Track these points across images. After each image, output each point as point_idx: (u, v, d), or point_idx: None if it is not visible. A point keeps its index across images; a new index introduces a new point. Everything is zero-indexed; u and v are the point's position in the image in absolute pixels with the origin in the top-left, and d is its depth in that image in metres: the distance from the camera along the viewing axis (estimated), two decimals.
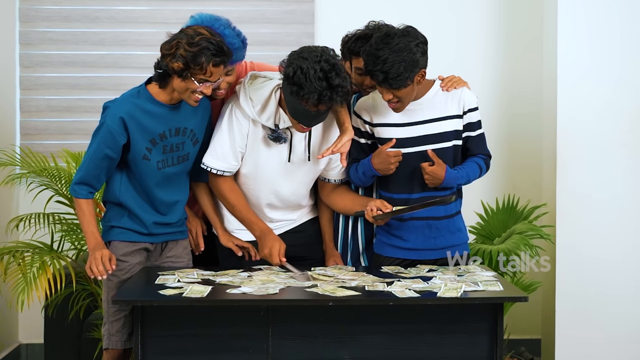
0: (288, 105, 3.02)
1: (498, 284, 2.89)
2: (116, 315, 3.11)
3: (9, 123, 4.68)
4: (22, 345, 4.78)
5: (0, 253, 3.56)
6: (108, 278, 3.09)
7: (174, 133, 3.08)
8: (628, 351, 4.11)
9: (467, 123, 3.20)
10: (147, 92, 3.04)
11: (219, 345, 2.78)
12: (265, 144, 3.16)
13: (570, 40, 4.06)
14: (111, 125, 2.97)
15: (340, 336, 2.80)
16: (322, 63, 2.91)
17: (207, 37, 2.91)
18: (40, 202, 4.14)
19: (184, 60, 2.89)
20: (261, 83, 3.14)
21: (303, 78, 2.90)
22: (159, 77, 3.00)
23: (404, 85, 3.02)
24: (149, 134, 3.03)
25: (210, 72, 2.92)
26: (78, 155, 4.03)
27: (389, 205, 3.13)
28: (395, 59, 2.97)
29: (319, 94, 2.91)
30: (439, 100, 3.18)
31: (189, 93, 2.97)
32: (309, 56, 2.93)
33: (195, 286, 2.82)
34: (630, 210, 4.06)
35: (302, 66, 2.91)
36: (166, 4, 4.81)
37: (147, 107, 3.02)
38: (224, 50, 2.94)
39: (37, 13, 4.75)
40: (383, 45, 2.99)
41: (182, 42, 2.90)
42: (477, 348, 2.82)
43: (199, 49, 2.88)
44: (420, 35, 3.06)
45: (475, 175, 3.22)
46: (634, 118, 4.04)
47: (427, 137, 3.16)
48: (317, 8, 4.81)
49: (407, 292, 2.77)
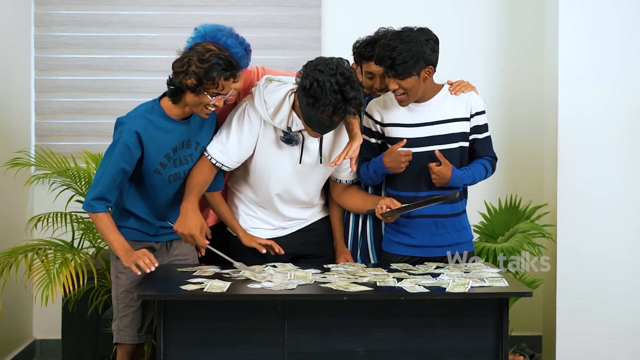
0: (303, 113, 3.12)
1: (503, 280, 3.02)
2: (125, 311, 3.21)
3: (24, 125, 4.79)
4: (36, 341, 4.88)
5: (24, 250, 3.67)
6: (117, 276, 3.21)
7: (186, 145, 3.20)
8: (628, 347, 4.20)
9: (475, 126, 3.32)
10: (160, 109, 3.14)
11: (237, 339, 2.90)
12: (277, 145, 3.26)
13: (570, 43, 4.15)
14: (128, 139, 3.06)
15: (353, 330, 2.92)
16: (338, 76, 3.02)
17: (216, 53, 3.03)
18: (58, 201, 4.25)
19: (196, 77, 3.00)
20: (275, 87, 3.24)
21: (319, 91, 3.01)
22: (172, 94, 3.11)
23: (408, 74, 3.14)
24: (163, 149, 3.14)
25: (222, 85, 3.04)
26: (98, 157, 4.13)
27: (397, 203, 3.25)
28: (404, 48, 3.12)
29: (334, 106, 3.02)
30: (448, 103, 3.30)
31: (201, 107, 3.08)
32: (325, 69, 3.03)
33: (215, 282, 2.94)
34: (629, 210, 4.15)
35: (319, 79, 3.01)
36: (177, 9, 4.91)
37: (161, 123, 3.13)
38: (233, 63, 3.06)
39: (52, 18, 4.85)
40: (395, 36, 3.16)
41: (193, 60, 3.01)
42: (484, 341, 2.95)
43: (210, 64, 3.00)
44: (433, 35, 3.22)
45: (481, 176, 3.34)
46: (632, 119, 4.13)
47: (435, 137, 3.28)
48: (324, 13, 4.91)
49: (417, 287, 2.89)
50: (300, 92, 3.09)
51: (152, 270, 3.01)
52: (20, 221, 4.52)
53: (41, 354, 4.87)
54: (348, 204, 3.45)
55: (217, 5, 4.92)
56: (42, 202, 4.60)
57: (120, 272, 3.22)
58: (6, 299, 3.95)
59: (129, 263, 3.03)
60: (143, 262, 3.00)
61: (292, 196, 3.36)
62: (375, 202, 3.34)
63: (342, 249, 3.48)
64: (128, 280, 3.20)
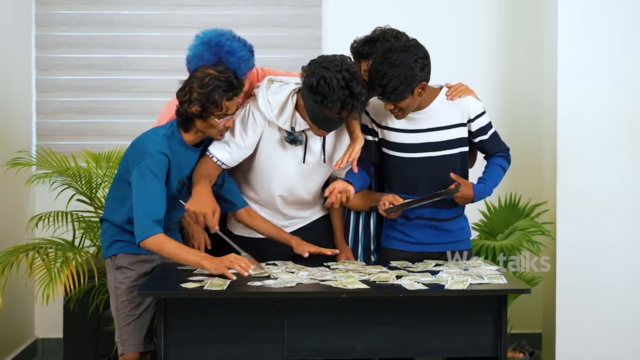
0: (309, 111, 3.14)
1: (502, 277, 3.03)
2: (126, 321, 3.20)
3: (25, 124, 4.81)
4: (38, 339, 4.90)
5: (25, 249, 3.69)
6: (116, 287, 3.20)
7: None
8: (628, 345, 4.22)
9: (478, 129, 3.32)
10: (179, 134, 3.14)
11: (238, 336, 2.91)
12: (281, 146, 3.27)
13: (569, 44, 4.17)
14: (160, 160, 3.04)
15: (353, 327, 2.93)
16: (344, 72, 3.04)
17: (216, 76, 3.03)
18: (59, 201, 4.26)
19: (200, 103, 3.02)
20: (278, 87, 3.26)
21: (327, 87, 3.03)
22: (182, 123, 3.12)
23: (402, 99, 3.15)
24: (179, 174, 3.15)
25: (226, 107, 3.05)
26: (98, 156, 4.15)
27: (400, 199, 3.26)
28: (393, 74, 3.09)
29: (342, 102, 3.04)
30: (443, 110, 3.30)
31: (214, 130, 3.10)
32: (330, 66, 3.06)
33: (215, 279, 2.95)
34: (628, 208, 4.18)
35: (325, 76, 3.03)
36: (177, 8, 4.92)
37: (178, 149, 3.13)
38: (234, 83, 3.06)
39: (53, 17, 4.87)
40: (383, 59, 3.12)
41: (194, 87, 3.03)
42: (483, 338, 2.96)
43: (211, 88, 3.01)
44: (421, 51, 3.17)
45: (500, 177, 3.36)
46: (631, 120, 4.15)
47: (431, 144, 3.29)
48: (324, 12, 4.93)
49: (416, 284, 2.91)
50: (306, 90, 3.10)
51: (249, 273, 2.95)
52: (22, 220, 4.54)
53: (43, 352, 4.90)
54: (349, 202, 3.44)
55: (217, 5, 4.94)
56: (43, 201, 4.62)
57: (119, 282, 3.20)
58: (8, 298, 3.97)
59: (222, 270, 2.93)
60: (239, 266, 2.92)
61: (294, 196, 3.38)
62: (376, 199, 3.35)
63: (343, 247, 3.50)
64: (128, 291, 3.19)
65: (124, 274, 3.19)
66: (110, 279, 3.25)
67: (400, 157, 3.32)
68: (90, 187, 4.00)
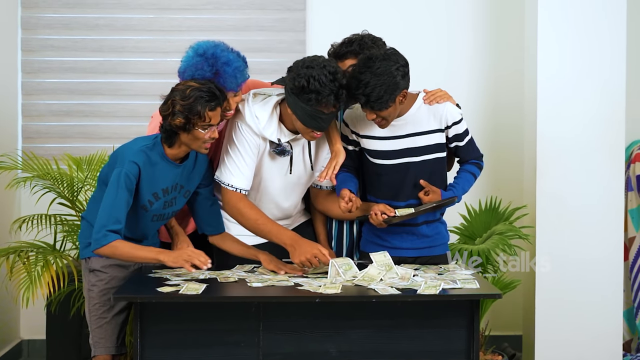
0: (300, 115, 3.16)
1: (475, 281, 3.07)
2: (98, 323, 3.22)
3: (11, 127, 4.84)
4: (23, 341, 4.93)
5: (6, 252, 3.72)
6: (90, 289, 3.22)
7: (176, 189, 3.23)
8: (606, 348, 4.25)
9: (454, 135, 3.35)
10: (161, 147, 3.16)
11: (213, 340, 2.94)
12: (269, 158, 3.30)
13: (549, 51, 4.22)
14: (129, 169, 3.07)
15: (327, 331, 2.96)
16: (328, 67, 3.11)
17: (197, 87, 3.05)
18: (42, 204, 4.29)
19: (183, 115, 3.04)
20: (262, 100, 3.28)
21: (317, 84, 3.08)
22: (166, 139, 3.13)
23: (385, 107, 3.17)
24: (153, 187, 3.16)
25: (209, 117, 3.07)
26: (79, 160, 4.18)
27: (391, 209, 3.27)
28: (376, 82, 3.11)
29: (335, 94, 3.10)
30: (421, 116, 3.32)
31: (199, 142, 3.11)
32: (313, 65, 3.12)
33: (191, 284, 2.98)
34: (605, 211, 4.21)
35: (313, 74, 3.09)
36: (163, 12, 4.95)
37: (158, 161, 3.14)
38: (216, 93, 3.08)
39: (39, 21, 4.89)
40: (365, 69, 3.14)
41: (176, 100, 3.05)
42: (456, 342, 2.99)
43: (193, 99, 3.03)
44: (401, 59, 3.19)
45: (470, 183, 3.40)
46: (609, 126, 4.20)
47: (409, 150, 3.32)
48: (308, 16, 4.96)
49: (389, 289, 2.95)
50: (296, 94, 3.13)
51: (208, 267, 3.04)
52: (6, 223, 4.57)
53: (28, 354, 4.92)
54: (332, 211, 3.47)
55: (202, 9, 4.97)
56: (28, 204, 4.64)
57: (92, 285, 3.23)
58: None
59: (181, 263, 3.03)
60: (199, 260, 3.02)
61: (280, 209, 3.41)
62: (364, 208, 3.36)
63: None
64: (101, 293, 3.21)
65: (96, 277, 3.22)
66: (85, 280, 3.28)
67: (381, 164, 3.35)
68: (72, 190, 4.03)
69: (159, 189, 3.18)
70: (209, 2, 4.96)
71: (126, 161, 3.10)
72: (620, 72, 4.21)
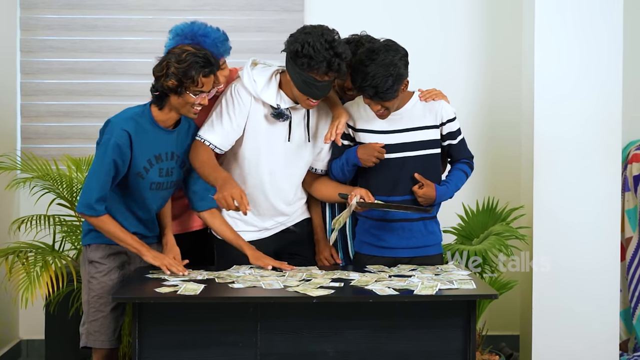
0: (296, 81, 3.20)
1: (472, 282, 3.09)
2: (95, 316, 3.24)
3: (10, 128, 4.85)
4: (22, 341, 4.94)
5: (5, 253, 3.73)
6: (89, 281, 3.24)
7: (169, 157, 3.25)
8: (601, 346, 4.26)
9: (447, 133, 3.40)
10: (150, 113, 3.20)
11: (211, 340, 2.96)
12: (267, 122, 3.33)
13: (547, 53, 4.23)
14: (119, 139, 3.11)
15: (324, 331, 2.98)
16: (326, 35, 3.15)
17: (193, 52, 3.11)
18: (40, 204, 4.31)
19: (176, 77, 3.08)
20: (261, 68, 3.35)
21: (311, 50, 3.11)
22: (156, 100, 3.17)
23: (394, 97, 3.22)
24: (147, 154, 3.19)
25: (202, 82, 3.11)
26: (79, 161, 4.19)
27: (371, 197, 3.31)
28: (384, 73, 3.16)
29: (328, 61, 3.12)
30: (417, 111, 3.38)
31: (188, 107, 3.15)
32: (312, 31, 3.16)
33: (190, 284, 3.00)
34: (601, 212, 4.23)
35: (309, 40, 3.12)
36: (162, 13, 4.96)
37: (148, 127, 3.18)
38: (211, 60, 3.14)
39: (38, 22, 4.90)
40: (369, 61, 3.18)
41: (171, 62, 3.09)
42: (452, 342, 3.01)
43: (188, 64, 3.08)
44: (401, 49, 3.26)
45: (462, 181, 3.45)
46: (606, 126, 4.21)
47: (405, 144, 3.36)
48: (306, 17, 4.97)
49: (386, 290, 2.96)
50: (291, 58, 3.17)
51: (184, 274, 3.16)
52: (5, 223, 4.58)
53: (27, 354, 4.93)
54: (320, 192, 3.51)
55: (201, 10, 4.98)
56: (27, 205, 4.65)
57: (92, 276, 3.25)
58: None
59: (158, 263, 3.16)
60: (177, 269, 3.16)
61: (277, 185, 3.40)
62: (346, 188, 3.41)
63: (326, 244, 3.55)
64: (99, 285, 3.23)
65: (96, 269, 3.24)
66: (84, 271, 3.30)
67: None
68: (71, 191, 4.04)
69: (152, 155, 3.20)
70: (208, 3, 4.97)
71: (115, 129, 3.13)
72: (617, 72, 4.23)
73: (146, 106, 3.22)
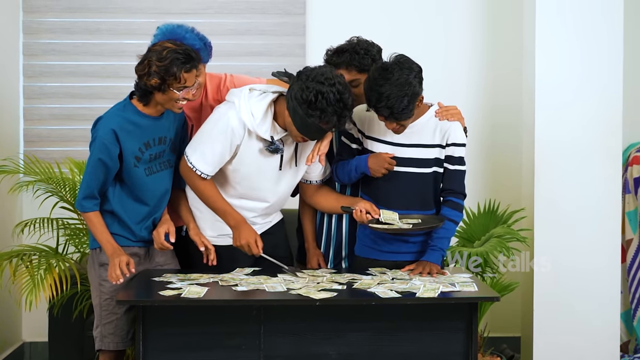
0: (298, 123, 3.15)
1: (473, 284, 3.11)
2: (109, 318, 3.28)
3: (13, 131, 4.87)
4: (25, 343, 4.96)
5: (9, 256, 3.75)
6: (100, 284, 3.29)
7: (157, 142, 3.29)
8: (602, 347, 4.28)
9: (448, 155, 3.36)
10: (132, 106, 3.24)
11: (215, 342, 2.98)
12: (261, 155, 3.30)
13: (547, 57, 4.25)
14: (104, 137, 3.16)
15: (327, 333, 3.00)
16: (337, 85, 3.11)
17: (173, 49, 3.13)
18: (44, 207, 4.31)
19: (158, 75, 3.11)
20: (258, 96, 3.27)
21: (324, 102, 3.08)
22: (140, 97, 3.21)
23: (409, 117, 3.20)
24: (137, 143, 3.23)
25: (184, 78, 3.13)
26: (82, 164, 4.20)
27: (376, 209, 3.31)
28: (398, 93, 3.11)
29: (338, 115, 3.12)
30: (430, 128, 3.35)
31: (172, 103, 3.19)
32: (323, 80, 3.10)
33: (193, 287, 3.02)
34: (602, 214, 4.25)
35: (322, 90, 3.08)
36: (164, 17, 4.93)
37: (134, 118, 3.23)
38: (192, 56, 3.17)
39: (40, 25, 4.91)
40: (383, 81, 3.13)
41: (152, 60, 3.12)
42: (454, 344, 3.03)
43: (169, 61, 3.10)
44: (415, 65, 3.21)
45: (454, 231, 3.40)
46: (607, 129, 4.24)
47: (410, 159, 3.35)
48: (308, 20, 4.98)
49: (389, 292, 2.98)
50: (300, 105, 3.12)
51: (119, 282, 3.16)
52: (8, 227, 4.59)
53: (30, 356, 4.95)
54: (321, 204, 3.50)
55: (203, 13, 4.99)
56: (30, 208, 4.66)
57: (103, 279, 3.28)
58: None
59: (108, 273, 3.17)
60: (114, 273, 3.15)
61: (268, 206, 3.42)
62: (350, 202, 3.40)
63: (315, 251, 3.56)
64: (112, 288, 3.26)
65: (107, 271, 3.24)
66: (94, 274, 3.32)
67: None
68: (74, 194, 4.06)
69: (142, 143, 3.24)
70: (210, 6, 4.99)
71: (100, 129, 3.19)
72: (617, 75, 4.24)
73: (126, 100, 3.26)
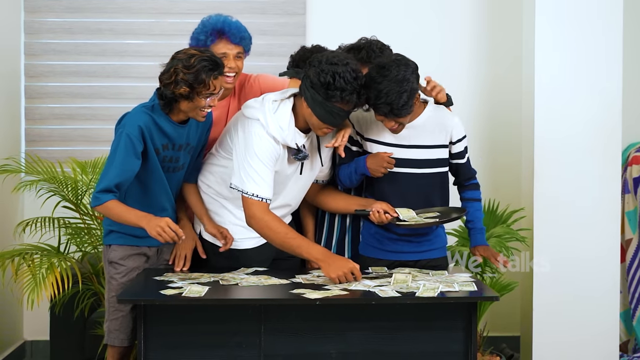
0: (318, 112, 3.13)
1: (473, 284, 3.12)
2: (115, 315, 3.29)
3: (14, 130, 4.89)
4: (27, 342, 4.98)
5: (11, 255, 3.76)
6: (109, 281, 3.30)
7: (177, 148, 3.27)
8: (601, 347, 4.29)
9: (457, 152, 3.40)
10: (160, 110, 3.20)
11: (216, 341, 3.00)
12: (288, 163, 3.29)
13: (547, 56, 4.26)
14: (131, 132, 3.12)
15: (327, 332, 3.01)
16: (351, 65, 3.12)
17: (200, 56, 3.10)
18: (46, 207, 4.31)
19: (187, 84, 3.07)
20: (280, 106, 3.24)
21: (342, 82, 3.08)
22: (165, 106, 3.17)
23: (408, 113, 3.21)
24: (157, 144, 3.21)
25: (214, 85, 3.12)
26: (84, 163, 4.23)
27: (393, 209, 3.31)
28: (397, 89, 3.12)
29: (357, 92, 3.13)
30: (429, 127, 3.35)
31: (197, 110, 3.15)
32: (337, 61, 3.11)
33: (194, 286, 3.03)
34: (601, 214, 4.26)
35: (338, 71, 3.08)
36: (165, 16, 4.99)
37: (161, 121, 3.19)
38: (218, 61, 3.14)
39: (41, 25, 4.94)
40: (381, 78, 3.14)
41: (179, 68, 3.07)
42: (454, 344, 3.04)
43: (197, 69, 3.07)
44: (411, 62, 3.23)
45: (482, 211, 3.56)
46: (606, 128, 4.25)
47: (413, 161, 3.35)
48: (308, 20, 5.00)
49: (389, 292, 2.99)
50: (319, 90, 3.11)
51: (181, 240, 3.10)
52: (10, 226, 4.61)
53: (31, 354, 4.97)
54: (328, 205, 3.49)
55: (203, 13, 4.86)
56: (32, 207, 4.67)
57: (111, 277, 3.29)
58: None
59: (154, 232, 3.06)
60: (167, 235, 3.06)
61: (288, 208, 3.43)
62: (361, 203, 3.40)
63: None
64: (119, 287, 3.27)
65: (115, 270, 3.28)
66: (105, 271, 3.34)
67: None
68: (76, 194, 4.07)
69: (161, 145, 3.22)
70: (210, 6, 4.99)
71: (127, 124, 3.16)
72: (616, 75, 4.25)
73: (155, 101, 3.21)
